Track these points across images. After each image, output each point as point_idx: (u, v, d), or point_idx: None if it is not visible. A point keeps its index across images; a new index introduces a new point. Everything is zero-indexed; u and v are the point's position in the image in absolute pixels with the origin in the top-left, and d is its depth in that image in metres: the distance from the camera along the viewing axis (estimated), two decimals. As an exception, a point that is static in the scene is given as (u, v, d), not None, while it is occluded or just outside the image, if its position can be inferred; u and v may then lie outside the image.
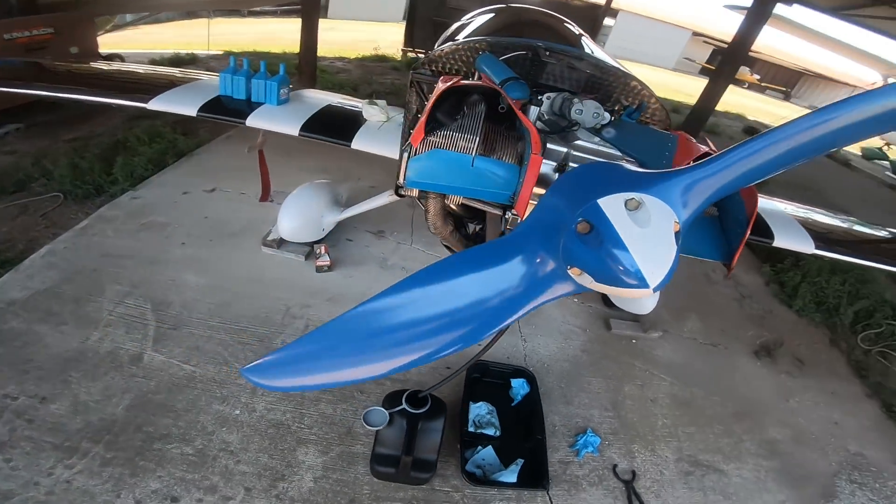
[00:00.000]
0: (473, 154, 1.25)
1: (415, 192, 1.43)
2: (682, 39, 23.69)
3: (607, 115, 1.43)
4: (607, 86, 1.83)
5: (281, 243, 3.16)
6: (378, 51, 10.09)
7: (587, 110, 1.43)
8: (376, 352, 0.98)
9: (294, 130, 2.55)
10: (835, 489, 2.45)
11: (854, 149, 11.71)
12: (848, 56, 9.89)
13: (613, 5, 12.23)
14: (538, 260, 0.95)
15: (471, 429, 2.24)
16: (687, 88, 13.67)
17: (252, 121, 2.59)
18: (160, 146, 4.11)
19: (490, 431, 2.26)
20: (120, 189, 3.54)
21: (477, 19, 3.02)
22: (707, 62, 24.95)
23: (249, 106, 2.69)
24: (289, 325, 2.62)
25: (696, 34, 24.03)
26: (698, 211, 0.86)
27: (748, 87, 23.73)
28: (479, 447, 2.17)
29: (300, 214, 3.07)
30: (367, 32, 12.85)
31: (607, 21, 15.04)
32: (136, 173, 3.72)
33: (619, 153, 1.24)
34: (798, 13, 7.66)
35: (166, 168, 3.95)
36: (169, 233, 3.14)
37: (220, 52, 8.27)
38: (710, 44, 25.04)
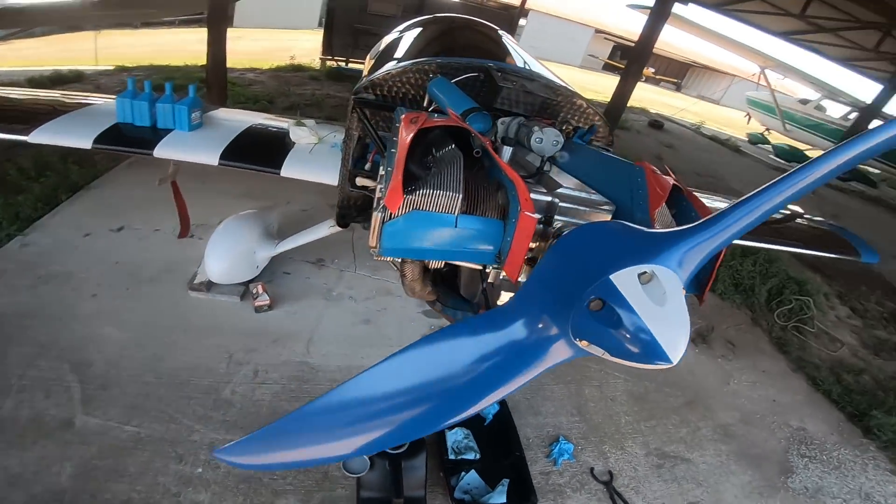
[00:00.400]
0: (456, 213, 1.11)
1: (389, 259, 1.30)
2: (586, 37, 25.26)
3: (562, 139, 1.41)
4: (556, 106, 1.81)
5: (211, 286, 2.83)
6: (294, 60, 9.59)
7: (547, 139, 1.38)
8: (357, 429, 0.86)
9: (212, 160, 2.29)
10: (790, 464, 2.66)
11: (741, 134, 13.18)
12: (730, 49, 11.03)
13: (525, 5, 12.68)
14: (540, 326, 0.87)
15: (451, 456, 2.20)
16: (596, 85, 14.56)
17: (161, 151, 2.28)
18: (50, 180, 3.53)
19: (470, 455, 2.22)
20: (5, 235, 2.99)
21: (409, 32, 2.91)
22: (609, 58, 26.88)
23: (156, 133, 2.37)
24: (235, 373, 2.39)
25: (598, 31, 25.74)
26: (694, 272, 0.83)
27: (645, 81, 25.89)
28: (463, 473, 2.14)
29: (229, 253, 2.76)
30: (279, 41, 12.22)
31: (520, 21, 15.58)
32: (22, 214, 3.17)
33: (602, 199, 1.17)
34: (688, 10, 8.39)
35: (60, 206, 3.40)
36: (75, 284, 2.71)
37: (111, 68, 7.41)
38: (610, 40, 27.00)
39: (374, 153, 1.86)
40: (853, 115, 10.74)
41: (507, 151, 1.30)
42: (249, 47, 10.92)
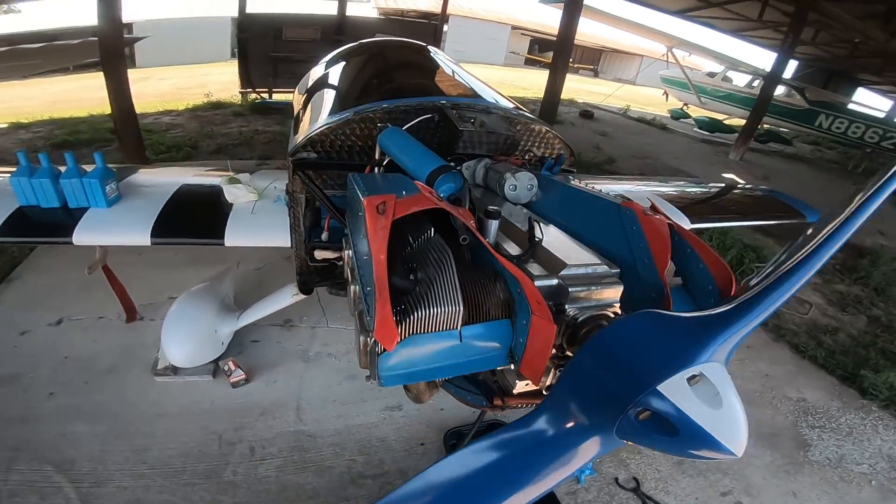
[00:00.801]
0: (459, 327, 0.93)
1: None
2: (505, 35, 25.95)
3: (536, 182, 1.27)
4: (517, 137, 1.66)
5: (177, 369, 2.52)
6: (210, 97, 8.98)
7: (521, 185, 1.25)
8: None
9: (143, 239, 1.96)
10: (804, 438, 2.69)
11: (663, 112, 13.98)
12: (638, 33, 11.67)
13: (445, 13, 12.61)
14: (579, 430, 0.77)
15: None
16: (523, 81, 14.90)
17: (82, 237, 1.94)
18: (-40, 279, 2.99)
19: None
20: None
21: (336, 64, 2.69)
22: (528, 52, 27.82)
23: (70, 215, 2.01)
24: (231, 454, 2.18)
25: (514, 28, 26.53)
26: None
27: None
28: None
29: (189, 336, 2.43)
30: (190, 77, 11.48)
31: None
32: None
33: (607, 270, 1.01)
34: (596, 0, 8.75)
35: (-18, 305, 2.91)
36: (26, 386, 2.41)
37: (5, 126, 6.55)
38: (527, 35, 27.96)
39: (330, 218, 1.64)
40: (757, 83, 11.68)
41: (493, 226, 1.11)
42: (158, 87, 10.17)
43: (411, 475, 2.15)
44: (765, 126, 10.99)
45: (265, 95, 8.58)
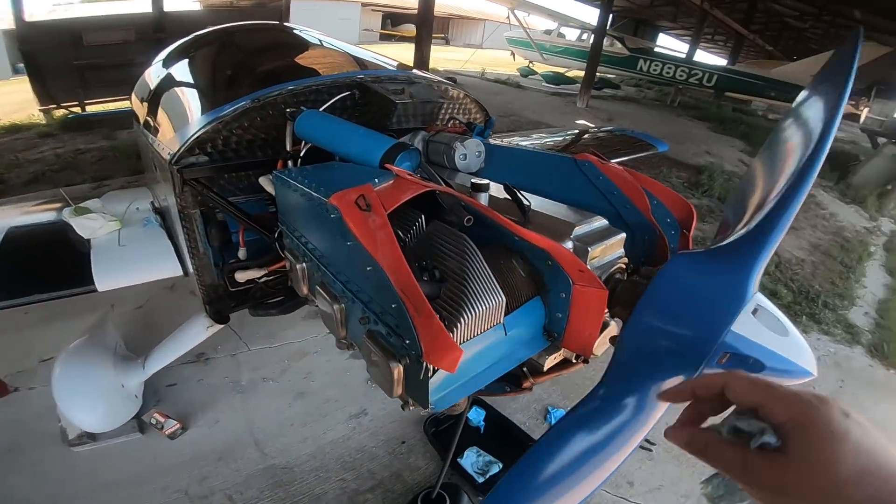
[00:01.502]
0: (502, 319, 0.81)
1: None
2: (355, 13, 24.93)
3: (483, 148, 1.21)
4: (441, 105, 1.51)
5: (95, 434, 2.04)
6: (-1, 121, 7.11)
7: (470, 152, 1.17)
8: None
9: (-21, 307, 1.47)
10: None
11: (513, 71, 14.90)
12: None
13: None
14: (651, 386, 0.73)
15: (480, 480, 2.01)
16: (385, 56, 14.51)
17: None
18: None
19: (496, 469, 2.06)
20: None
21: (178, 62, 2.25)
22: (382, 28, 27.28)
23: None
24: None
25: (364, 5, 25.62)
26: None
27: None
28: None
29: (94, 398, 1.95)
30: (-41, 104, 8.92)
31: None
32: None
33: (606, 224, 0.97)
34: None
35: None
36: None
37: None
38: (378, 11, 27.28)
39: (243, 230, 1.40)
40: (586, 36, 13.05)
41: (484, 200, 1.00)
42: (-83, 123, 7.74)
43: (406, 476, 2.08)
44: (597, 74, 12.42)
45: (77, 109, 7.09)
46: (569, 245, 0.90)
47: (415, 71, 1.81)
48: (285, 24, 2.83)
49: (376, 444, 2.18)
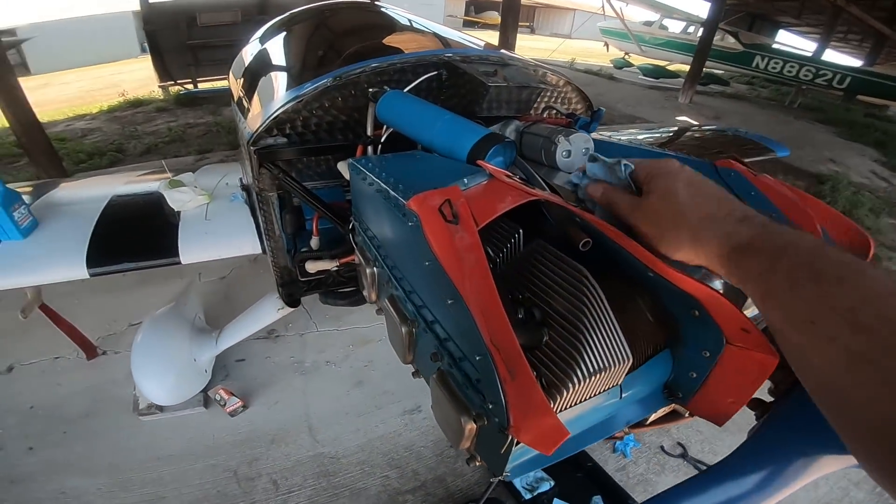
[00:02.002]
0: (621, 381, 0.62)
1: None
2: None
3: (592, 145, 0.98)
4: (539, 91, 1.29)
5: (163, 406, 2.18)
6: (126, 95, 7.99)
7: (576, 148, 0.94)
8: None
9: (77, 272, 1.57)
10: None
11: (606, 62, 14.01)
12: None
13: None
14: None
15: (527, 496, 1.89)
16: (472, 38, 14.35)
17: None
18: None
19: (546, 487, 1.92)
20: None
21: (273, 38, 2.26)
22: (465, 14, 27.11)
23: (-28, 257, 1.58)
24: (253, 491, 1.93)
25: (445, -11, 25.57)
26: None
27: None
28: None
29: (165, 371, 2.06)
30: (98, 79, 10.21)
31: None
32: None
33: None
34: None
35: None
36: None
37: None
38: (460, -3, 27.12)
39: (318, 218, 1.31)
40: (692, 29, 11.87)
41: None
42: (63, 93, 8.99)
43: (450, 482, 1.98)
44: (704, 70, 11.27)
45: (189, 86, 7.75)
46: (718, 286, 0.65)
47: (507, 52, 1.62)
48: (376, 3, 2.75)
49: (425, 444, 2.12)
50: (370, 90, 1.14)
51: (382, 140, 1.11)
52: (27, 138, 4.40)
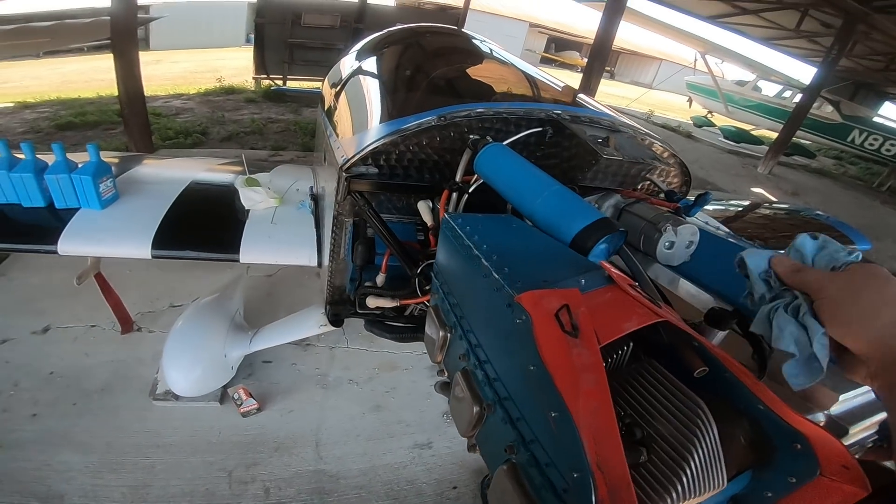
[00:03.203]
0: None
1: None
2: (522, 32, 25.41)
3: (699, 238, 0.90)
4: (649, 167, 1.21)
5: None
6: (222, 81, 8.66)
7: (681, 241, 0.86)
8: None
9: (142, 251, 1.65)
10: None
11: (685, 118, 13.55)
12: (671, 37, 11.24)
13: (458, 4, 12.01)
14: None
15: None
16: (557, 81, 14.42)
17: (68, 247, 1.61)
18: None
19: None
20: None
21: (370, 55, 2.32)
22: (544, 51, 27.34)
23: (56, 217, 1.71)
24: (242, 495, 1.90)
25: (532, 25, 26.00)
26: None
27: (580, 71, 26.51)
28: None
29: (195, 362, 2.08)
30: (203, 62, 11.15)
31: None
32: None
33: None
34: (634, 2, 8.31)
35: (-46, 306, 2.61)
36: (5, 405, 2.13)
37: (11, 105, 6.27)
38: (544, 34, 27.45)
39: (389, 255, 1.28)
40: (788, 94, 11.25)
41: (718, 339, 0.71)
42: (170, 71, 9.87)
43: None
44: (793, 139, 10.61)
45: (279, 82, 8.26)
46: (822, 419, 0.63)
47: (613, 113, 1.54)
48: (465, 30, 2.79)
49: (428, 481, 2.04)
50: (470, 137, 1.10)
51: (471, 190, 1.07)
52: (130, 109, 4.83)
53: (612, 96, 15.13)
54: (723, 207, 3.31)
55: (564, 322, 0.53)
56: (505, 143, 1.08)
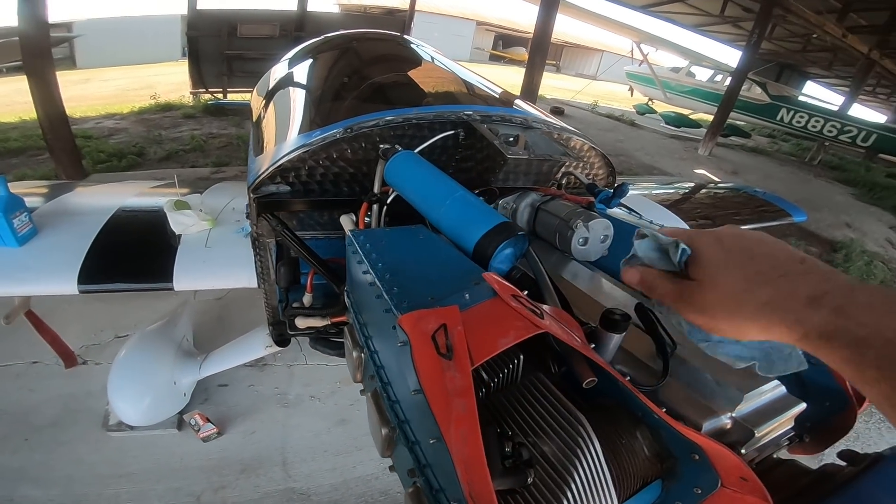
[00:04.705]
0: None
1: None
2: (470, 31, 25.67)
3: (612, 232, 0.92)
4: (562, 164, 1.23)
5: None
6: (157, 98, 8.24)
7: (594, 236, 0.88)
8: None
9: (67, 287, 1.54)
10: None
11: (628, 107, 14.09)
12: (607, 28, 11.63)
13: (405, 6, 11.95)
14: None
15: None
16: (491, 78, 14.62)
17: None
18: None
19: None
20: None
21: (301, 62, 2.28)
22: (493, 48, 27.76)
23: (-35, 260, 1.57)
24: None
25: (479, 24, 26.31)
26: None
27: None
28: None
29: (143, 392, 2.00)
30: (136, 78, 10.59)
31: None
32: None
33: (786, 392, 0.67)
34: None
35: None
36: None
37: None
38: (491, 31, 27.87)
39: (313, 274, 1.25)
40: (719, 78, 11.92)
41: (614, 343, 0.67)
42: (101, 90, 9.32)
43: None
44: (728, 121, 11.24)
45: (219, 96, 7.95)
46: (727, 422, 0.62)
47: (529, 108, 1.58)
48: (405, 35, 2.79)
49: (402, 491, 2.00)
50: (381, 146, 1.09)
51: (389, 201, 1.06)
52: (52, 134, 4.52)
53: (558, 89, 15.51)
54: (672, 191, 3.46)
55: (440, 343, 0.52)
56: (417, 150, 1.08)
